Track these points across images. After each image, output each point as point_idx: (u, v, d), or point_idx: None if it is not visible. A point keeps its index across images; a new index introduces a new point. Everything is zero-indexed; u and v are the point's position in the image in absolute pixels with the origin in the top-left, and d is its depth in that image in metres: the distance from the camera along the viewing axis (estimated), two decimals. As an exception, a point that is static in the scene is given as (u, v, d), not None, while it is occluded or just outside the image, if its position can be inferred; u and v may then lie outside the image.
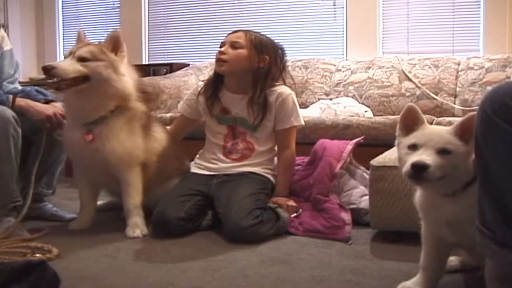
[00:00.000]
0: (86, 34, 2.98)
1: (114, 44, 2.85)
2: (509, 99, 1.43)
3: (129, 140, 2.88)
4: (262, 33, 3.20)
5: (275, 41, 3.19)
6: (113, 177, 2.92)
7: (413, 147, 1.79)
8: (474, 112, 1.62)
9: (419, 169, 1.72)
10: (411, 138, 1.81)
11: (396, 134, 1.94)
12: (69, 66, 2.73)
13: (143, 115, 2.97)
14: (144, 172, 2.97)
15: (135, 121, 2.92)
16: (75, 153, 2.95)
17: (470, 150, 1.71)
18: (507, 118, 1.42)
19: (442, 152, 1.74)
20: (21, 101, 2.95)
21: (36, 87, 3.17)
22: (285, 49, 3.22)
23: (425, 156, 1.73)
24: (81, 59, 2.75)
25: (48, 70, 2.70)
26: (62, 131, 2.98)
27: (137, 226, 2.87)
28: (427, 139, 1.76)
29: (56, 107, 3.00)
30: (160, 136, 3.10)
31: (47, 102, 3.04)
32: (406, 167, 1.76)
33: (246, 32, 3.12)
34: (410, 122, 1.86)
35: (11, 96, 2.93)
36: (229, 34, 3.16)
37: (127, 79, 2.88)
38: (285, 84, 3.15)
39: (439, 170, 1.73)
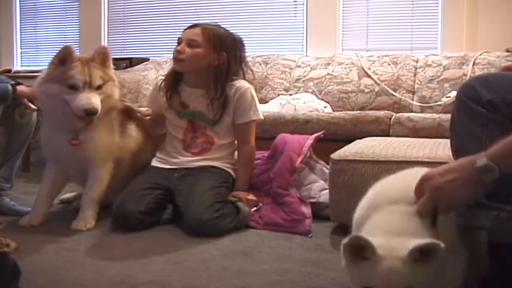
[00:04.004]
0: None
1: (103, 58, 2.83)
2: (476, 83, 1.76)
3: (108, 138, 2.93)
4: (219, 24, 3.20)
5: (233, 33, 3.18)
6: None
7: None
8: (434, 241, 1.43)
9: None
10: (363, 278, 1.45)
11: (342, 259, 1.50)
12: (99, 102, 2.73)
13: (120, 112, 3.04)
14: (117, 169, 2.99)
15: (115, 120, 2.99)
16: (59, 155, 2.93)
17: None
18: (472, 97, 1.75)
19: None
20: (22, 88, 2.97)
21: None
22: (244, 42, 3.21)
23: None
24: (97, 88, 2.76)
25: (95, 114, 2.71)
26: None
27: (84, 219, 2.86)
28: (384, 283, 1.41)
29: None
30: (135, 134, 3.14)
31: (17, 85, 3.02)
32: None
33: (203, 28, 3.08)
34: (359, 248, 1.44)
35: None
36: (186, 29, 3.14)
37: (117, 86, 2.94)
38: (244, 78, 3.16)
39: None
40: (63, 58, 2.73)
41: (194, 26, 3.12)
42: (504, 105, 1.67)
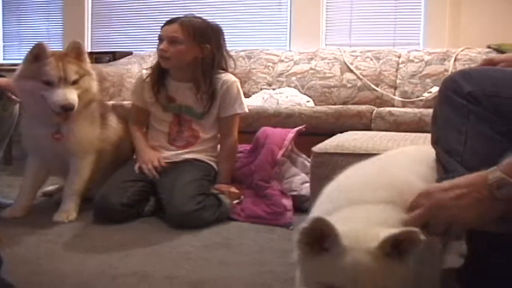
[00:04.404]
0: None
1: (77, 52, 2.82)
2: (458, 77, 1.75)
3: (89, 130, 2.94)
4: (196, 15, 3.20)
5: (211, 22, 3.17)
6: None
7: None
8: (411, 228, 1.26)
9: None
10: (321, 275, 1.22)
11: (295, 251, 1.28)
12: (76, 97, 2.73)
13: (100, 104, 3.05)
14: (99, 161, 3.00)
15: (95, 112, 2.99)
16: (40, 148, 2.93)
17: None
18: (454, 90, 1.73)
19: None
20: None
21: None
22: (228, 36, 3.23)
23: None
24: (73, 82, 2.75)
25: (71, 109, 2.70)
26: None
27: (66, 211, 2.87)
28: (348, 281, 1.17)
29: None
30: (115, 126, 3.15)
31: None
32: None
33: (181, 23, 3.06)
34: (318, 236, 1.22)
35: None
36: (164, 26, 3.12)
37: (95, 79, 2.94)
38: (227, 70, 3.17)
39: None
40: (37, 54, 2.73)
41: (171, 21, 3.10)
42: (484, 98, 1.68)
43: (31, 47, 2.74)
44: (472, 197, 1.30)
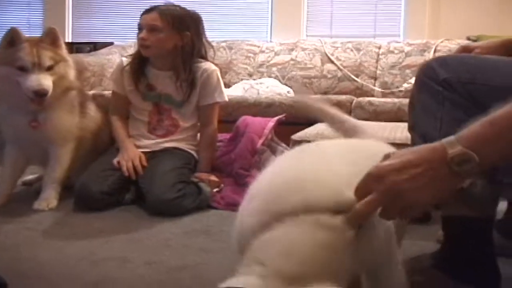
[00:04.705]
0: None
1: (52, 38, 2.81)
2: (435, 64, 1.77)
3: (68, 119, 2.93)
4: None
5: (189, 10, 3.17)
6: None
7: None
8: None
9: None
10: None
11: None
12: (50, 83, 2.71)
13: (79, 92, 3.03)
14: (78, 150, 2.99)
15: (74, 101, 2.97)
16: (18, 137, 2.92)
17: None
18: (430, 76, 1.75)
19: None
20: None
21: None
22: (209, 27, 3.24)
23: None
24: (48, 68, 2.74)
25: (45, 95, 2.69)
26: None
27: (46, 199, 2.86)
28: None
29: None
30: (95, 114, 3.14)
31: None
32: None
33: (160, 12, 3.06)
34: None
35: None
36: (143, 14, 3.11)
37: (72, 66, 2.93)
38: (207, 59, 3.18)
39: None
40: (11, 40, 2.72)
41: (150, 10, 3.09)
42: (459, 84, 1.70)
43: (5, 33, 2.74)
44: (429, 176, 1.11)
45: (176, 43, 3.04)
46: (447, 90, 1.72)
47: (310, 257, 1.04)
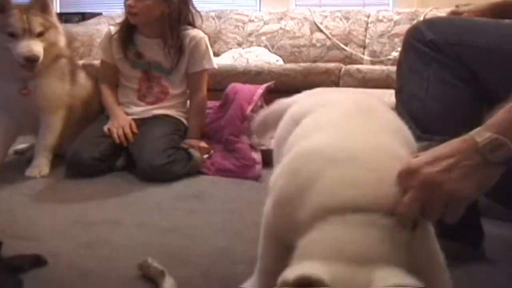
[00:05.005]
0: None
1: (42, 4, 2.82)
2: (422, 25, 1.81)
3: (58, 86, 2.95)
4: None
5: None
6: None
7: None
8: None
9: None
10: None
11: None
12: (40, 49, 2.73)
13: (69, 61, 3.04)
14: (69, 117, 3.02)
15: (64, 68, 2.99)
16: (9, 105, 2.94)
17: None
18: (416, 38, 1.79)
19: None
20: None
21: None
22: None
23: None
24: (38, 35, 2.74)
25: (36, 61, 2.70)
26: None
27: (38, 166, 2.89)
28: None
29: None
30: (85, 82, 3.16)
31: None
32: None
33: None
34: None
35: None
36: None
37: (62, 33, 2.94)
38: (194, 26, 3.19)
39: None
40: (1, 6, 2.72)
41: None
42: (447, 46, 1.73)
43: None
44: (464, 166, 1.07)
45: (163, 10, 3.05)
46: (434, 51, 1.76)
47: (366, 253, 0.97)
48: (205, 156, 3.01)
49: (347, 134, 1.18)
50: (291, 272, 0.93)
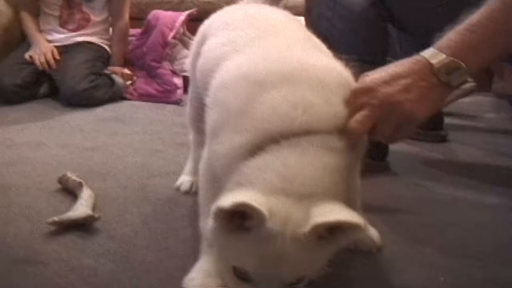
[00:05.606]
0: None
1: None
2: None
3: None
4: None
5: None
6: None
7: (242, 274, 0.96)
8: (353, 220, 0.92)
9: None
10: (237, 257, 0.96)
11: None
12: None
13: None
14: None
15: None
16: None
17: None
18: None
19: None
20: None
21: None
22: None
23: None
24: None
25: None
26: None
27: None
28: (268, 273, 0.93)
29: None
30: (4, 9, 3.14)
31: None
32: None
33: None
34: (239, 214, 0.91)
35: None
36: None
37: None
38: None
39: None
40: None
41: None
42: None
43: None
44: (421, 87, 1.06)
45: None
46: None
47: (318, 179, 0.95)
48: (128, 82, 3.07)
49: (268, 54, 1.12)
50: (228, 199, 0.87)
